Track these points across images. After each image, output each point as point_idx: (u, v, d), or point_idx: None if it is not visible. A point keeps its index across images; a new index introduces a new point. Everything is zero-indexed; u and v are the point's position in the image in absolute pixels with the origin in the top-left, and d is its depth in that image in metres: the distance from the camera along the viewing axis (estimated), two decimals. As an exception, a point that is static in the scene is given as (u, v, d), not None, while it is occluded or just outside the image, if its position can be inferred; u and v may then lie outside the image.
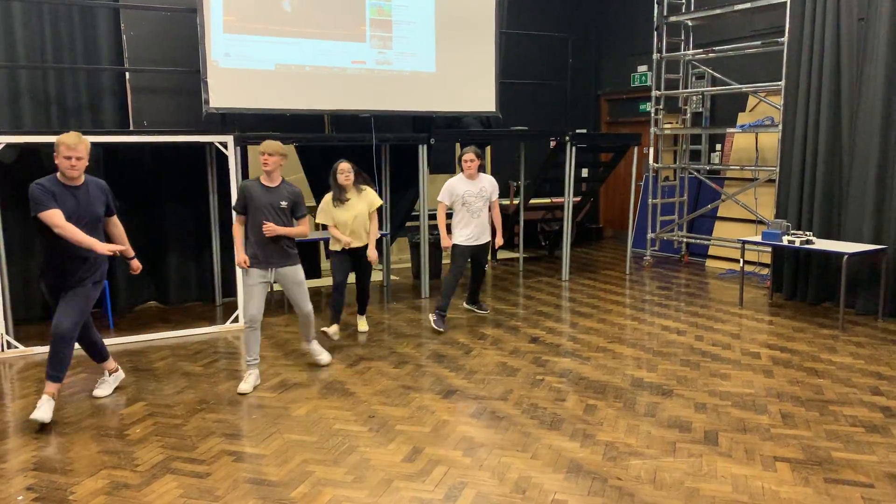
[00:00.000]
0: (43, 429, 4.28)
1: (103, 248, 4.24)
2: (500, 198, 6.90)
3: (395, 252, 9.83)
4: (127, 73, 6.88)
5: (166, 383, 5.10)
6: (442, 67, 7.65)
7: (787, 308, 7.19)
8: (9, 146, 5.92)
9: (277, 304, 7.52)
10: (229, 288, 7.43)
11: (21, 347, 5.85)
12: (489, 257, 6.55)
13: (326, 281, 8.84)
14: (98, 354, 4.87)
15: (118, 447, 3.99)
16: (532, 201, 10.24)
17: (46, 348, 5.40)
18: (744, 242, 7.33)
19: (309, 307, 5.19)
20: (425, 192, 7.62)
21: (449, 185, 6.50)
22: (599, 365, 5.37)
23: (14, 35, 6.39)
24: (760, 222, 8.65)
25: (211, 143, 6.56)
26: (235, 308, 6.66)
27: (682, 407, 4.51)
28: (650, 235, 9.79)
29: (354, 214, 5.94)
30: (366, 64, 7.27)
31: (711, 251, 9.64)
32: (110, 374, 4.96)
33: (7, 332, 5.85)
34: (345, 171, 5.95)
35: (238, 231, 5.04)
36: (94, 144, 6.35)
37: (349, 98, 7.21)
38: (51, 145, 5.83)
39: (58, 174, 4.30)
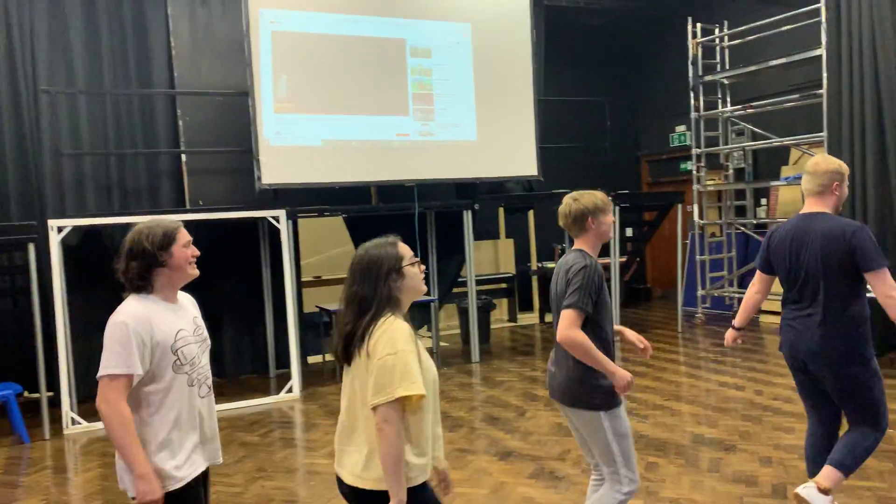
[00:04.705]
0: None
1: None
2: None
3: (444, 318, 9.87)
4: (183, 156, 7.24)
5: (225, 453, 5.12)
6: (483, 135, 7.85)
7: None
8: (74, 229, 6.22)
9: (329, 372, 7.58)
10: (283, 359, 7.54)
11: (84, 424, 5.99)
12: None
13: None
14: None
15: (181, 516, 4.03)
16: (578, 263, 10.24)
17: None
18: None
19: None
20: (471, 257, 7.72)
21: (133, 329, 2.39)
22: (658, 423, 5.26)
23: (79, 125, 6.81)
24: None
25: (263, 219, 6.79)
26: (289, 379, 6.73)
27: (746, 461, 4.38)
28: (700, 292, 9.67)
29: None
30: (409, 136, 7.51)
31: (765, 306, 9.41)
32: None
33: (72, 409, 6.01)
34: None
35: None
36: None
37: (394, 169, 7.42)
38: (114, 227, 6.13)
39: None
